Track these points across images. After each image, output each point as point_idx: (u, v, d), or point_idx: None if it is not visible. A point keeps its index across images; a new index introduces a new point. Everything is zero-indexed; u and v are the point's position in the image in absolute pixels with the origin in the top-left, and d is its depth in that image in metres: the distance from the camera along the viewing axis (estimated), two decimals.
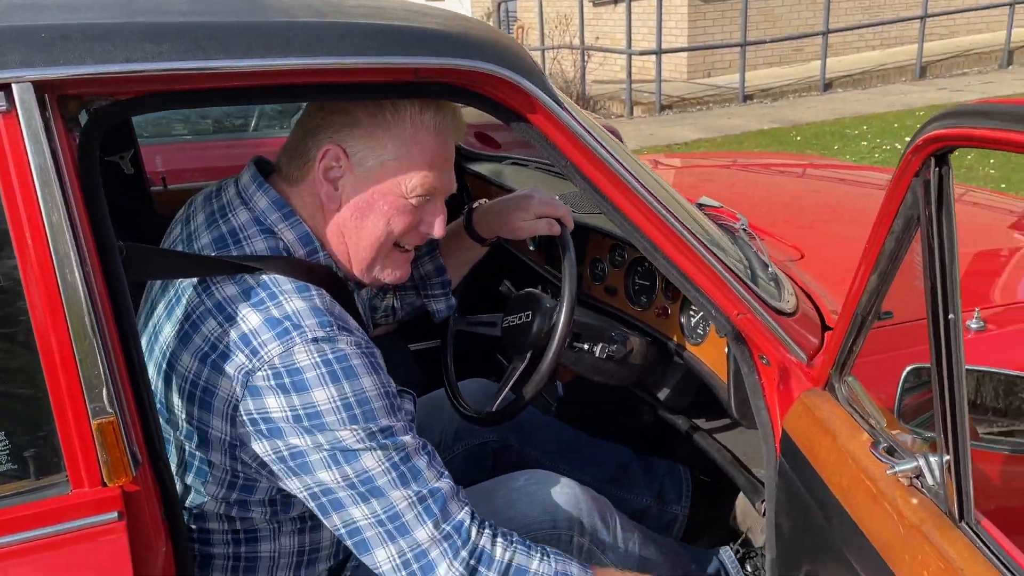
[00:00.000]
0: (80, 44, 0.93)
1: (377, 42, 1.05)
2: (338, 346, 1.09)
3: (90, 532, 0.97)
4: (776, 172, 3.15)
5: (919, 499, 0.97)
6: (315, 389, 1.07)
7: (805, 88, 9.91)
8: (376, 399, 1.10)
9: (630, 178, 1.20)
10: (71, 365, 0.95)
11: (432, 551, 1.11)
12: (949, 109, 0.87)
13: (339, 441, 1.08)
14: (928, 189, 0.88)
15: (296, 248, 1.19)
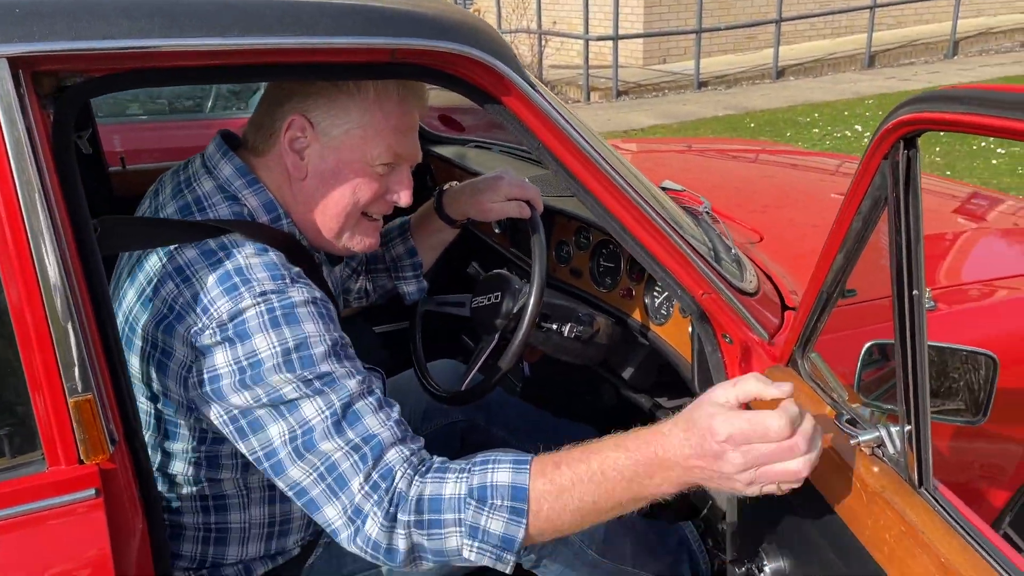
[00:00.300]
0: (55, 20, 0.92)
1: (355, 22, 1.05)
2: (286, 295, 1.09)
3: (67, 509, 0.97)
4: (730, 157, 3.21)
5: (880, 467, 1.02)
6: (256, 335, 1.06)
7: (759, 76, 10.06)
8: (317, 344, 1.08)
9: (600, 160, 1.23)
10: (47, 344, 0.94)
11: (364, 504, 1.04)
12: (920, 94, 0.91)
13: (277, 391, 1.05)
14: (896, 171, 0.92)
15: (260, 214, 1.20)
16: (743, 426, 0.96)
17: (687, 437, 0.99)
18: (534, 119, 1.19)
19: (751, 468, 0.97)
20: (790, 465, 0.96)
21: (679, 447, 0.99)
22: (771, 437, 0.95)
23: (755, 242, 1.82)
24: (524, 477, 1.04)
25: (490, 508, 1.03)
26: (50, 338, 0.94)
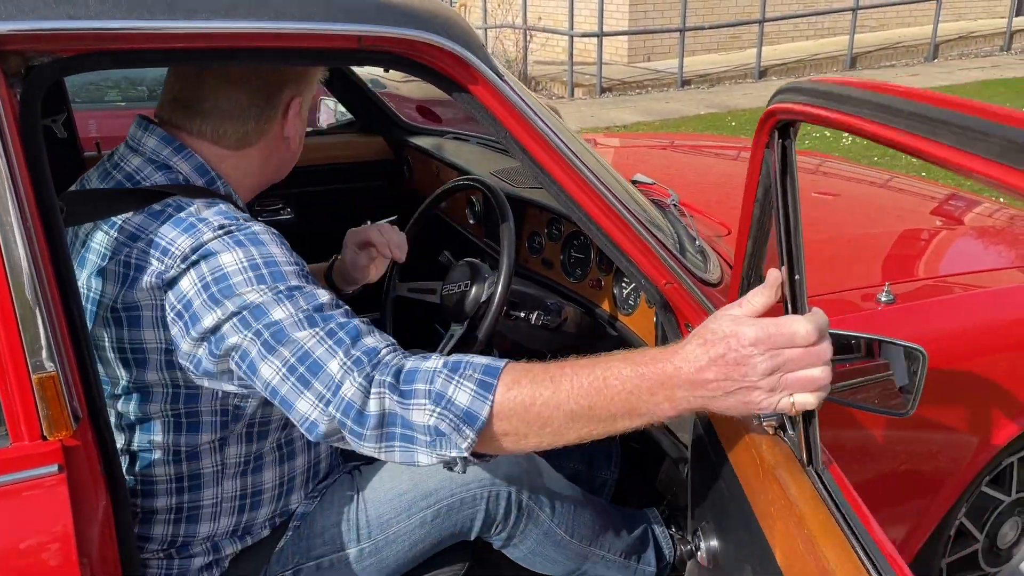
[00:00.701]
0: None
1: (322, 8, 1.07)
2: (246, 226, 1.11)
3: (29, 484, 0.98)
4: (711, 154, 3.24)
5: (780, 446, 1.06)
6: (222, 253, 1.06)
7: (741, 75, 10.13)
8: (285, 264, 1.08)
9: (568, 152, 1.25)
10: (11, 321, 0.95)
11: (344, 379, 1.00)
12: (789, 84, 0.93)
13: (247, 302, 1.05)
14: (772, 160, 0.95)
15: (193, 178, 1.21)
16: (771, 330, 0.91)
17: (706, 348, 0.92)
18: (501, 109, 1.21)
19: (777, 373, 0.91)
20: (814, 372, 0.92)
21: (694, 359, 0.93)
22: (799, 342, 0.91)
23: (723, 235, 1.85)
24: (500, 363, 1.00)
25: (460, 377, 0.98)
26: (15, 316, 0.95)
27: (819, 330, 0.92)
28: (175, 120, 1.23)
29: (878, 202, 2.41)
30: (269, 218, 2.40)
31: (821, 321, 0.93)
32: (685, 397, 0.94)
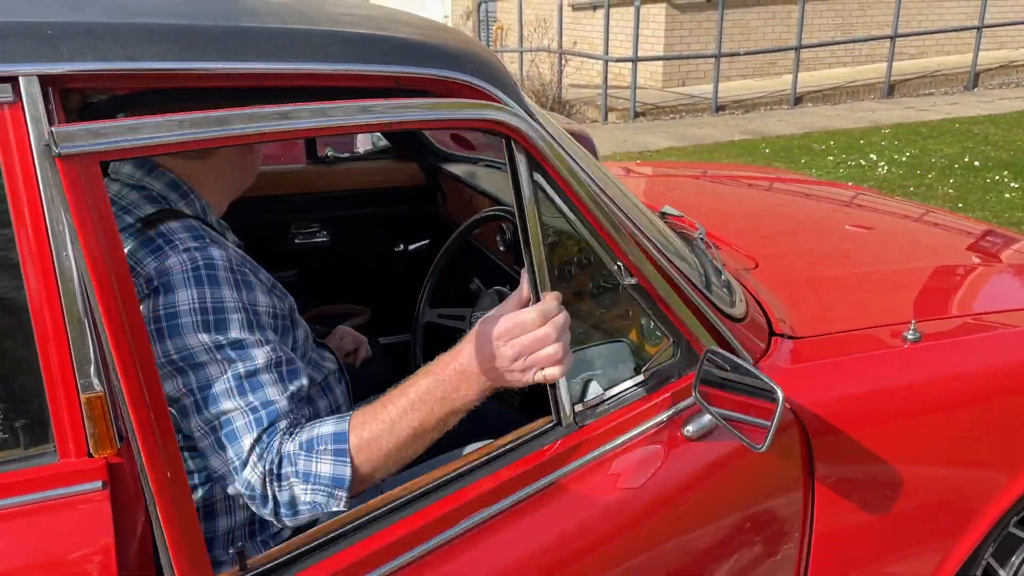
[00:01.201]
0: (83, 41, 0.99)
1: (363, 51, 1.12)
2: (209, 252, 1.18)
3: (75, 500, 1.03)
4: (745, 184, 3.25)
5: None
6: (179, 290, 1.15)
7: (776, 101, 10.11)
8: (232, 311, 1.17)
9: (595, 189, 1.28)
10: (63, 342, 1.01)
11: (249, 458, 1.15)
12: None
13: (188, 349, 1.15)
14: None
15: (167, 193, 1.30)
16: (507, 324, 1.14)
17: (472, 347, 1.15)
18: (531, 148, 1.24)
19: (521, 357, 1.13)
20: (549, 350, 1.13)
21: (469, 357, 1.15)
22: (528, 328, 1.13)
23: (750, 268, 1.87)
24: (344, 424, 1.16)
25: (316, 454, 1.14)
26: (66, 337, 1.01)
27: (543, 316, 1.14)
28: None
29: (912, 236, 2.40)
30: (305, 240, 2.46)
31: (545, 308, 1.14)
32: (478, 384, 1.16)
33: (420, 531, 1.13)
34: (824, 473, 1.42)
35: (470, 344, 1.16)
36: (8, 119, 0.96)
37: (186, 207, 1.31)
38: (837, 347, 1.54)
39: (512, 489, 1.19)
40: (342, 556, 1.10)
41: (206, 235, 1.21)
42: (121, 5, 1.12)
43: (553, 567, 1.18)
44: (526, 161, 1.17)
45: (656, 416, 1.33)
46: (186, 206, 1.31)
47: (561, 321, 1.15)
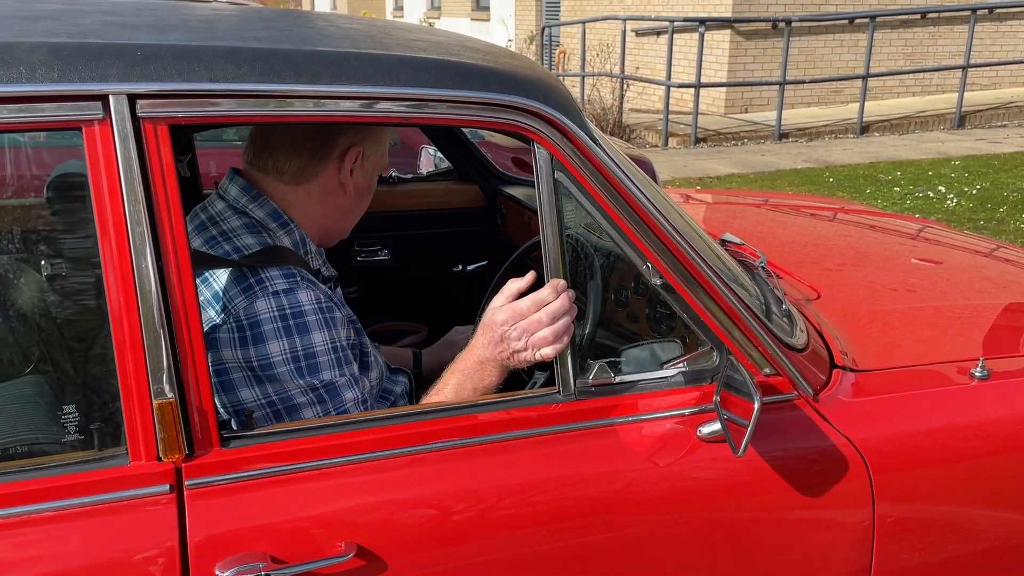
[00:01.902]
0: (169, 63, 1.04)
1: (431, 76, 1.15)
2: (296, 298, 1.26)
3: (143, 502, 1.07)
4: (807, 214, 3.20)
5: None
6: (271, 341, 1.23)
7: (842, 130, 9.94)
8: (323, 354, 1.26)
9: (656, 214, 1.28)
10: (139, 350, 1.05)
11: None
12: None
13: (285, 392, 1.24)
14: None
15: (268, 223, 1.37)
16: (508, 312, 1.30)
17: (484, 337, 1.32)
18: (593, 171, 1.25)
19: (523, 338, 1.28)
20: (543, 333, 1.27)
21: (483, 347, 1.32)
22: (524, 314, 1.28)
23: (812, 299, 1.84)
24: None
25: None
26: (142, 345, 1.05)
27: (536, 304, 1.28)
28: (250, 159, 1.40)
29: (982, 272, 2.33)
30: (367, 259, 2.51)
31: (539, 297, 1.28)
32: (496, 367, 1.32)
33: (411, 437, 1.20)
34: (884, 512, 1.39)
35: (482, 336, 1.32)
36: (97, 135, 1.01)
37: (285, 236, 1.38)
38: (901, 382, 1.51)
39: (501, 428, 1.25)
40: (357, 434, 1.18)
41: (297, 275, 1.28)
42: (206, 29, 1.18)
43: (520, 505, 1.24)
44: (548, 160, 1.23)
45: (676, 410, 1.34)
46: (285, 235, 1.38)
47: (555, 308, 1.27)
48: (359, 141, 1.40)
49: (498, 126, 1.20)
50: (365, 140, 1.41)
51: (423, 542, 1.18)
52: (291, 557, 1.10)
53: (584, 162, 1.23)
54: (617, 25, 10.59)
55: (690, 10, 10.49)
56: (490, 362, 1.32)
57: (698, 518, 1.32)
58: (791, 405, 1.37)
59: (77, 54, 1.01)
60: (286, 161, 1.38)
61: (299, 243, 1.40)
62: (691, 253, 1.30)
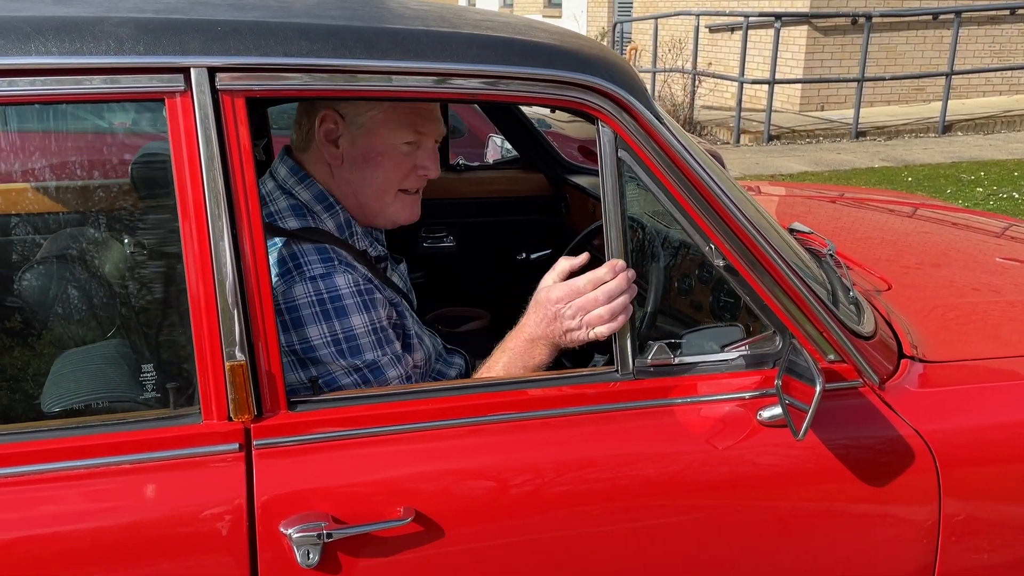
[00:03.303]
0: (247, 38, 1.08)
1: (498, 53, 1.17)
2: (333, 282, 1.27)
3: (213, 459, 1.12)
4: (883, 209, 3.11)
5: None
6: (310, 326, 1.25)
7: (923, 129, 9.61)
8: (363, 336, 1.28)
9: (723, 196, 1.27)
10: (213, 316, 1.10)
11: None
12: None
13: (329, 373, 1.27)
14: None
15: (313, 205, 1.38)
16: (564, 288, 1.30)
17: (537, 315, 1.32)
18: (658, 150, 1.25)
19: (577, 316, 1.28)
20: (598, 311, 1.27)
21: (535, 325, 1.32)
22: (580, 292, 1.28)
23: (882, 290, 1.80)
24: None
25: None
26: (216, 309, 1.10)
27: (592, 283, 1.28)
28: (291, 138, 1.42)
29: None
30: (433, 244, 2.55)
31: (595, 275, 1.28)
32: (546, 346, 1.32)
33: (472, 408, 1.22)
34: (951, 509, 1.35)
35: (533, 314, 1.33)
36: (179, 106, 1.06)
37: (330, 219, 1.39)
38: (973, 374, 1.47)
39: (559, 404, 1.26)
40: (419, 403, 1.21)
41: (335, 258, 1.30)
42: (283, 7, 1.22)
43: (576, 482, 1.24)
44: (612, 139, 1.23)
45: (736, 393, 1.33)
46: (330, 218, 1.39)
47: (612, 287, 1.27)
48: (333, 105, 1.35)
49: (563, 103, 1.21)
50: (342, 104, 1.35)
51: (480, 513, 1.20)
52: (351, 518, 1.13)
53: (648, 141, 1.23)
54: (690, 20, 10.45)
55: (766, 5, 10.29)
56: (541, 340, 1.32)
57: (756, 504, 1.31)
58: (856, 392, 1.34)
59: (162, 29, 1.06)
60: (295, 133, 1.41)
61: (343, 225, 1.40)
62: (756, 235, 1.28)
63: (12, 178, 1.63)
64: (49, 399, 1.20)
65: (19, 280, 1.32)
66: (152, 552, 1.08)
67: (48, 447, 1.07)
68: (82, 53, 1.02)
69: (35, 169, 1.60)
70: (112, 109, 1.71)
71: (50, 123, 1.84)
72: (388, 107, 1.36)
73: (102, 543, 1.07)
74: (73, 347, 1.31)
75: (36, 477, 1.06)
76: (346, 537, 1.12)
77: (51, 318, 1.31)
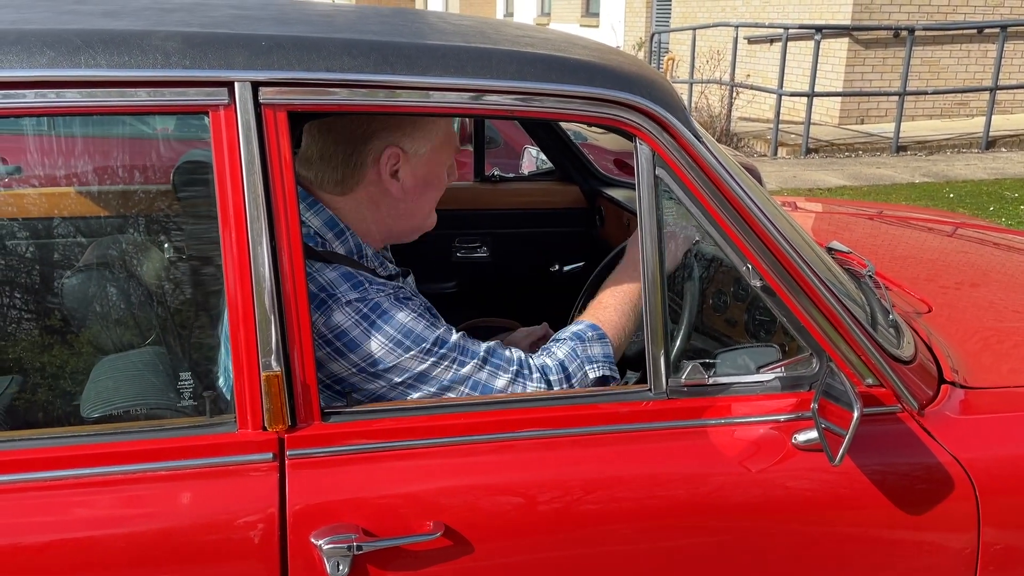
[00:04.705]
0: (291, 53, 1.10)
1: (537, 70, 1.17)
2: (369, 297, 1.27)
3: (247, 468, 1.13)
4: (923, 228, 3.06)
5: None
6: (364, 343, 1.25)
7: (965, 144, 9.44)
8: (416, 323, 1.28)
9: (760, 215, 1.26)
10: (251, 326, 1.11)
11: (517, 389, 1.32)
12: None
13: (408, 371, 1.27)
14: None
15: (324, 232, 1.35)
16: None
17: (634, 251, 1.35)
18: (695, 167, 1.24)
19: None
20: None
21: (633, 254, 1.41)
22: None
23: (922, 312, 1.77)
24: (586, 322, 1.44)
25: (588, 341, 1.40)
26: (254, 320, 1.11)
27: None
28: (299, 169, 1.36)
29: None
30: (466, 255, 2.56)
31: None
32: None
33: (503, 424, 1.23)
34: (990, 538, 1.32)
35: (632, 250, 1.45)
36: (223, 119, 1.08)
37: (340, 246, 1.36)
38: (1015, 401, 1.43)
39: (590, 422, 1.25)
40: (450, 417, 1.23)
41: (363, 280, 1.29)
42: (326, 23, 1.23)
43: (606, 501, 1.24)
44: (650, 157, 1.23)
45: (771, 415, 1.31)
46: (340, 245, 1.36)
47: None
48: (394, 141, 1.35)
49: (601, 121, 1.21)
50: (402, 139, 1.36)
51: (509, 529, 1.19)
52: (381, 531, 1.13)
53: (686, 159, 1.22)
54: (728, 32, 10.39)
55: (806, 17, 10.19)
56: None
57: (790, 528, 1.29)
58: (894, 418, 1.32)
59: (207, 43, 1.08)
60: (325, 173, 1.36)
61: (353, 250, 1.38)
62: (793, 256, 1.27)
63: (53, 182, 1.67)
64: (88, 404, 1.23)
65: (61, 285, 1.35)
66: (184, 559, 1.09)
67: (85, 452, 1.09)
68: (129, 66, 1.04)
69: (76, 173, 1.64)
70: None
71: (90, 128, 1.88)
72: (436, 135, 1.40)
73: (135, 549, 1.08)
74: (112, 353, 1.33)
75: (73, 481, 1.08)
76: (376, 550, 1.13)
77: (91, 323, 1.34)
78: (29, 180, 1.68)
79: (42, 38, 1.04)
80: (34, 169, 1.64)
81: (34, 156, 1.59)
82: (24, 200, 1.72)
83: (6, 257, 1.50)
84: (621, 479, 1.24)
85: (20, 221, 1.63)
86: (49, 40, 1.04)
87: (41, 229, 1.60)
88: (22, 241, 1.57)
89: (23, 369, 1.31)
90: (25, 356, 1.33)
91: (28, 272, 1.50)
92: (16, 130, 1.75)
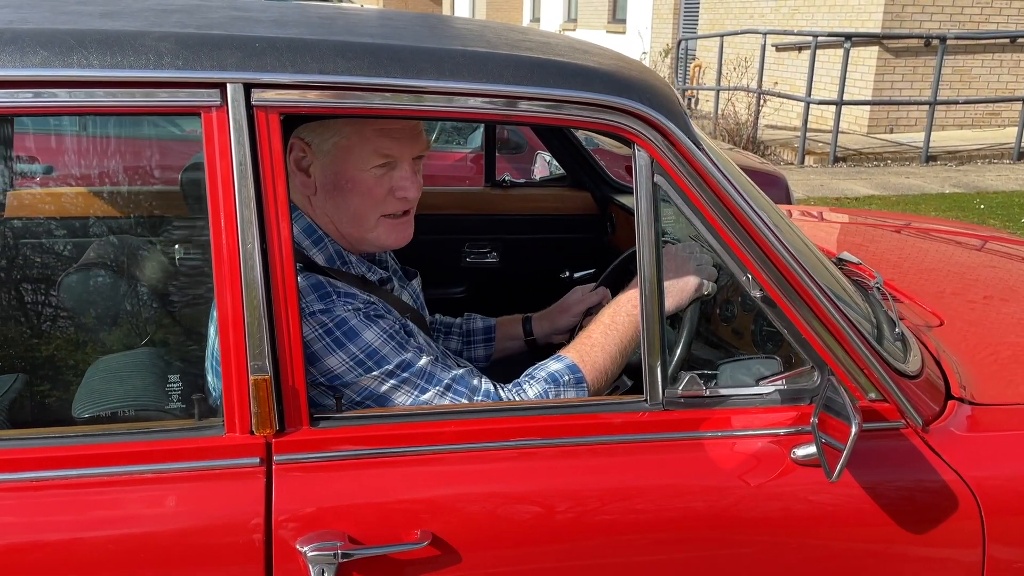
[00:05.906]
0: (284, 55, 1.09)
1: (535, 74, 1.15)
2: (336, 313, 1.25)
3: (234, 472, 1.12)
4: (950, 241, 2.99)
5: None
6: (326, 358, 1.24)
7: (997, 155, 9.28)
8: (382, 345, 1.26)
9: (760, 224, 1.23)
10: (240, 330, 1.11)
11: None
12: None
13: (367, 389, 1.25)
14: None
15: (302, 239, 1.33)
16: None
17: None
18: (695, 176, 1.22)
19: None
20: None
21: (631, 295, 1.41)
22: None
23: (933, 326, 1.73)
24: (565, 360, 1.39)
25: (563, 387, 1.35)
26: (243, 324, 1.11)
27: None
28: None
29: None
30: (476, 260, 2.55)
31: None
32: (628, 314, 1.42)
33: (491, 432, 1.21)
34: (996, 556, 1.28)
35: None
36: (215, 121, 1.08)
37: (319, 253, 1.34)
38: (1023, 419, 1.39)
39: (581, 432, 1.23)
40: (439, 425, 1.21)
41: (332, 291, 1.27)
42: (325, 25, 1.23)
43: (592, 513, 1.22)
44: (648, 164, 1.21)
45: (770, 428, 1.28)
46: (319, 252, 1.34)
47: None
48: (299, 133, 1.29)
49: (598, 127, 1.19)
50: (305, 131, 1.29)
51: (498, 539, 1.18)
52: (368, 539, 1.12)
53: (685, 167, 1.20)
54: (756, 39, 10.30)
55: (835, 25, 10.08)
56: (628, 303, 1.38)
57: (789, 543, 1.26)
58: (897, 434, 1.29)
59: (201, 44, 1.07)
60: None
61: (334, 257, 1.35)
62: (794, 266, 1.24)
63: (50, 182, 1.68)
64: (79, 404, 1.23)
65: (57, 285, 1.36)
66: (168, 563, 1.09)
67: (71, 453, 1.09)
68: (122, 67, 1.05)
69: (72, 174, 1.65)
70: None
71: (79, 128, 1.89)
72: (350, 132, 1.30)
73: (119, 552, 1.08)
74: (104, 354, 1.33)
75: (58, 483, 1.08)
76: (362, 558, 1.12)
77: (85, 323, 1.34)
78: (28, 181, 1.70)
79: (36, 38, 1.04)
80: (33, 169, 1.66)
81: (34, 156, 1.61)
82: (24, 200, 1.74)
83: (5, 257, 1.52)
84: (612, 491, 1.21)
85: (21, 220, 1.65)
86: (43, 40, 1.04)
87: (40, 228, 1.61)
88: (23, 241, 1.58)
89: (14, 369, 1.32)
90: (18, 356, 1.34)
91: (24, 272, 1.51)
92: (22, 129, 1.77)
